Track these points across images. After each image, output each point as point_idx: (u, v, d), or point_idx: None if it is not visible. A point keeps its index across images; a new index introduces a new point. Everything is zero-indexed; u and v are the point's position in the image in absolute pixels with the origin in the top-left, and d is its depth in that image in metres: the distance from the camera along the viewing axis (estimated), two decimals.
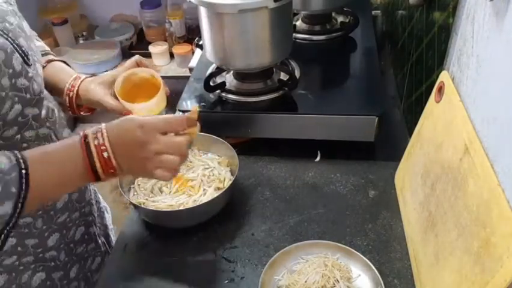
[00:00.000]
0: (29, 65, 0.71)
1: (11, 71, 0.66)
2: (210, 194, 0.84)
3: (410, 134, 0.88)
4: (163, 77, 0.88)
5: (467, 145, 0.62)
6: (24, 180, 0.59)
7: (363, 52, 1.17)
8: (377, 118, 0.92)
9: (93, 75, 0.92)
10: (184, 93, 1.05)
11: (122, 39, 2.27)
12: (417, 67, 0.98)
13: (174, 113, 1.08)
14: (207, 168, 0.89)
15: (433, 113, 0.76)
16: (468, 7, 0.67)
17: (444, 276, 0.62)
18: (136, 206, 0.84)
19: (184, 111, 1.01)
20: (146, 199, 0.85)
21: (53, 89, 0.86)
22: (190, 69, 1.16)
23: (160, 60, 2.17)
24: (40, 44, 0.91)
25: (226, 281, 0.77)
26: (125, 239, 0.86)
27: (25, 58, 0.70)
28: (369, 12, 1.35)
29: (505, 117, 0.54)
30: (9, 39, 0.68)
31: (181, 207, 0.82)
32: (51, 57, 0.91)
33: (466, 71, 0.67)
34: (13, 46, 0.68)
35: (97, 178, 0.65)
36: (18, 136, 0.71)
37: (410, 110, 1.02)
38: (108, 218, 1.05)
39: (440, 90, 0.74)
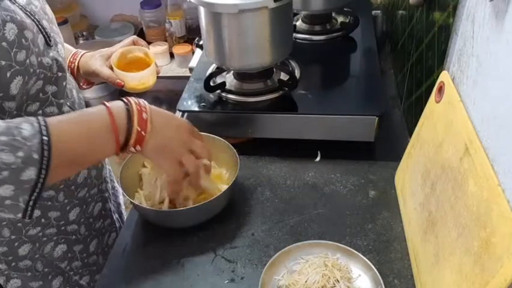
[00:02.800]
0: (50, 46, 0.77)
1: (37, 49, 0.71)
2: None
3: (410, 134, 0.88)
4: (163, 77, 0.91)
5: (467, 145, 0.62)
6: (46, 147, 0.59)
7: (363, 52, 1.17)
8: (377, 118, 0.92)
9: None
10: (184, 93, 1.05)
11: (122, 39, 2.27)
12: (417, 67, 0.98)
13: (174, 113, 1.08)
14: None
15: (433, 113, 0.76)
16: (468, 7, 0.67)
17: (445, 276, 0.62)
18: (136, 206, 0.84)
19: (184, 111, 1.01)
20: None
21: None
22: (190, 69, 1.16)
23: (160, 60, 2.16)
24: None
25: (226, 281, 0.77)
26: (125, 239, 0.86)
27: (47, 39, 0.76)
28: (369, 12, 1.35)
29: (505, 117, 0.54)
30: (35, 20, 0.74)
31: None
32: None
33: (466, 71, 0.67)
34: (38, 27, 0.74)
35: (121, 146, 0.67)
36: (40, 112, 0.76)
37: (410, 110, 1.02)
38: (120, 197, 1.11)
39: (440, 90, 0.74)
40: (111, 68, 0.94)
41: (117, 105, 0.68)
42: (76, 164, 0.68)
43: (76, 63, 0.96)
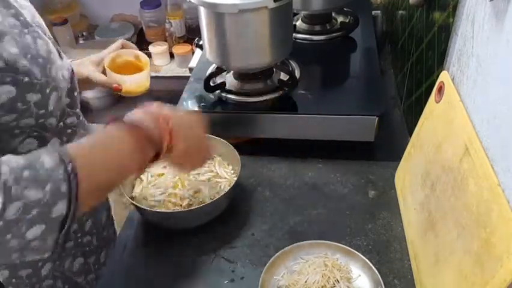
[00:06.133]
0: (61, 58, 0.75)
1: (56, 64, 0.70)
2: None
3: (410, 134, 0.88)
4: (163, 77, 0.90)
5: (467, 145, 0.62)
6: (72, 176, 0.54)
7: (363, 52, 1.17)
8: (377, 118, 0.92)
9: None
10: (184, 93, 1.05)
11: (122, 39, 2.27)
12: (417, 67, 0.98)
13: None
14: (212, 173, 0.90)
15: (433, 113, 0.76)
16: (468, 7, 0.67)
17: (445, 277, 0.62)
18: (137, 207, 0.83)
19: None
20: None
21: None
22: (190, 69, 1.16)
23: (160, 60, 2.16)
24: None
25: (226, 281, 0.77)
26: (125, 239, 0.86)
27: (59, 52, 0.75)
28: (369, 12, 1.35)
29: (505, 117, 0.54)
30: (46, 34, 0.72)
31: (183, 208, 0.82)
32: None
33: (466, 71, 0.67)
34: (50, 41, 0.72)
35: (154, 151, 0.64)
36: (62, 124, 0.74)
37: (410, 110, 1.02)
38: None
39: (440, 90, 0.74)
40: (103, 73, 0.92)
41: (137, 121, 0.64)
42: (104, 190, 0.63)
43: None
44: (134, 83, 0.92)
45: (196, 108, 1.01)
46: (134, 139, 0.61)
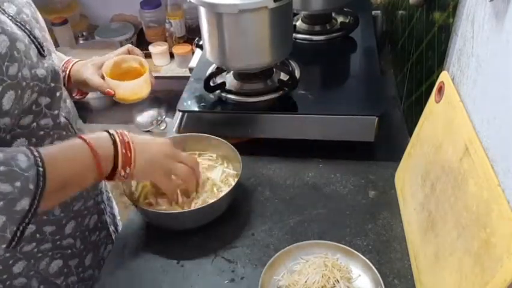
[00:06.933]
0: (43, 56, 0.74)
1: (29, 62, 0.69)
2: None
3: (410, 134, 0.88)
4: (163, 77, 0.89)
5: (467, 145, 0.62)
6: (41, 178, 0.61)
7: (363, 52, 1.17)
8: (377, 118, 0.92)
9: None
10: (184, 93, 1.05)
11: (122, 39, 2.27)
12: (417, 67, 0.98)
13: (174, 113, 1.08)
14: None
15: (433, 113, 0.76)
16: (468, 7, 0.67)
17: (445, 277, 0.62)
18: (137, 207, 0.83)
19: (184, 111, 1.01)
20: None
21: None
22: (190, 69, 1.16)
23: (160, 61, 2.16)
24: None
25: (226, 281, 0.77)
26: (125, 239, 0.86)
27: (40, 50, 0.73)
28: (369, 12, 1.35)
29: (505, 117, 0.54)
30: (26, 31, 0.71)
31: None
32: None
33: (466, 71, 0.67)
34: (30, 38, 0.71)
35: (108, 173, 0.71)
36: (35, 124, 0.74)
37: (410, 110, 1.02)
38: (115, 207, 1.08)
39: (440, 90, 0.74)
40: (103, 77, 0.90)
41: (99, 136, 0.71)
42: (64, 192, 0.69)
43: (67, 72, 0.91)
44: (128, 89, 0.90)
45: (196, 108, 1.01)
46: (93, 154, 0.68)
